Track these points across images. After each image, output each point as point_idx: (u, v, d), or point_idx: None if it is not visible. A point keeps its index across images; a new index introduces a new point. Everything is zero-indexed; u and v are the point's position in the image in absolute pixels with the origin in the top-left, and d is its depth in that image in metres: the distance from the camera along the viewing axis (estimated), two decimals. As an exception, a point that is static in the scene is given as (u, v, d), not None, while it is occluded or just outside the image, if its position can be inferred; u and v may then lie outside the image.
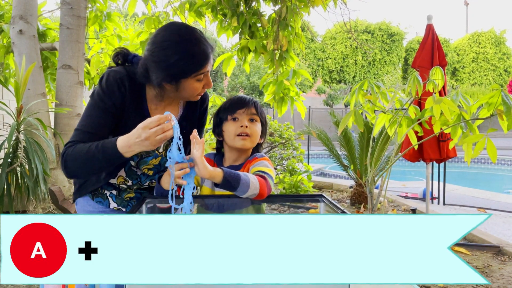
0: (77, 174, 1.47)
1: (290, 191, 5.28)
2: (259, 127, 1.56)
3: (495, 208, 6.16)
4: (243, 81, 22.30)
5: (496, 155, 2.34)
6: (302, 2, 3.63)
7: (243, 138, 1.51)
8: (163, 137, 1.26)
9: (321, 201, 1.36)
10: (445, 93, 4.23)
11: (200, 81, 1.47)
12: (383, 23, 26.50)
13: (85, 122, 1.47)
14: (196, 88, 1.48)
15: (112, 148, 1.33)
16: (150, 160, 1.58)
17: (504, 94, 2.35)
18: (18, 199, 3.14)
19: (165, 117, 1.27)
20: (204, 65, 1.45)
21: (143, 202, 1.37)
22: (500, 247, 3.91)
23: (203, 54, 1.43)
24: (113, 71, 1.51)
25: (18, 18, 3.67)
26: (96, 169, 1.41)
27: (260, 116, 1.57)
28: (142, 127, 1.27)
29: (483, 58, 27.95)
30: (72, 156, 1.40)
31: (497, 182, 11.46)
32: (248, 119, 1.53)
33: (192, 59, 1.41)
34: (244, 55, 3.80)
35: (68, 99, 3.76)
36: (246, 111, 1.54)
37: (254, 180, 1.33)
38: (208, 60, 1.46)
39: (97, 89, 1.50)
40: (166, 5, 3.86)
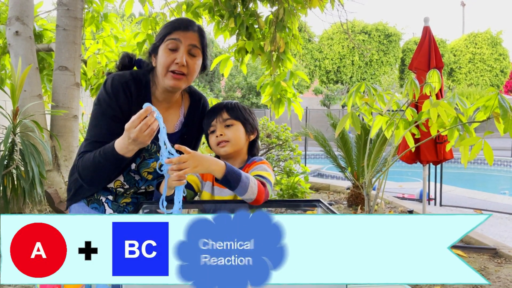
0: (95, 183, 1.49)
1: (287, 192, 5.28)
2: (237, 129, 1.54)
3: (491, 209, 6.18)
4: (240, 82, 22.30)
5: (492, 158, 2.35)
6: (299, 3, 3.63)
7: (222, 145, 1.52)
8: (150, 131, 1.26)
9: (318, 206, 1.36)
10: (442, 95, 4.24)
11: (172, 50, 1.46)
12: (380, 24, 26.57)
13: (93, 132, 1.47)
14: (165, 56, 1.46)
15: (111, 152, 1.35)
16: (151, 163, 1.57)
17: (501, 97, 2.36)
18: (14, 201, 3.12)
19: (145, 111, 1.25)
20: (174, 30, 1.48)
21: (140, 207, 1.36)
22: (497, 249, 3.92)
23: (180, 21, 1.50)
24: (118, 75, 1.51)
25: (14, 19, 3.65)
26: (107, 174, 1.44)
27: (238, 117, 1.55)
28: (127, 129, 1.28)
29: (480, 58, 28.05)
30: (82, 167, 1.43)
31: (493, 183, 11.50)
32: (223, 126, 1.53)
33: (168, 25, 1.50)
34: (241, 56, 3.80)
35: (64, 101, 3.74)
36: (219, 119, 1.54)
37: (253, 185, 1.33)
38: (181, 29, 1.48)
39: (101, 94, 1.48)
40: (163, 6, 3.85)
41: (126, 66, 1.62)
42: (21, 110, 3.37)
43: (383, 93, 2.90)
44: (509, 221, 5.56)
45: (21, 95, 3.47)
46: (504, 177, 12.28)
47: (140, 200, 1.64)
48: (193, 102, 1.66)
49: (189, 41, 1.47)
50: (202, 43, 1.52)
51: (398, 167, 11.46)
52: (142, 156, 1.55)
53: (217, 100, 4.02)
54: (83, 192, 1.58)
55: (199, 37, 1.51)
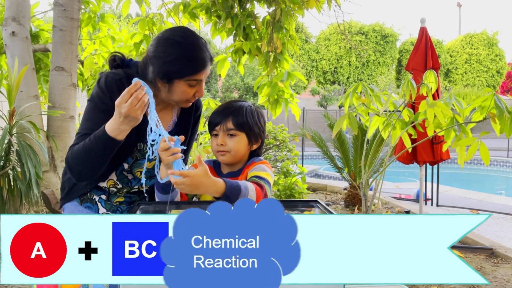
0: (83, 174, 1.44)
1: (284, 193, 5.28)
2: (239, 141, 1.49)
3: (488, 210, 6.21)
4: (237, 82, 22.29)
5: (489, 158, 2.36)
6: (296, 4, 3.64)
7: (221, 154, 1.49)
8: (141, 104, 1.27)
9: (316, 206, 1.36)
10: (438, 95, 4.26)
11: (192, 87, 1.47)
12: (376, 25, 26.63)
13: (86, 125, 1.46)
14: (187, 93, 1.47)
15: (103, 135, 1.34)
16: (144, 163, 1.57)
17: (497, 98, 2.37)
18: (11, 202, 3.11)
19: (135, 85, 1.26)
20: (198, 72, 1.45)
21: (138, 207, 1.36)
22: (493, 249, 3.93)
23: (201, 60, 1.44)
24: (112, 72, 1.52)
25: (10, 20, 3.64)
26: (97, 163, 1.39)
27: (242, 128, 1.49)
28: (117, 105, 1.28)
29: (476, 59, 28.15)
30: (72, 156, 1.40)
31: (489, 183, 11.54)
32: (226, 135, 1.49)
33: (188, 61, 1.42)
34: (239, 57, 3.80)
35: (61, 101, 3.73)
36: (223, 127, 1.48)
37: (252, 193, 1.32)
38: (203, 68, 1.46)
39: (95, 91, 1.49)
40: (160, 6, 3.85)
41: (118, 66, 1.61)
42: (18, 111, 3.36)
43: (380, 93, 2.91)
44: (505, 221, 5.59)
45: (18, 95, 3.46)
46: (500, 177, 12.33)
47: (133, 199, 1.64)
48: None
49: (205, 75, 1.49)
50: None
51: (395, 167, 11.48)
52: (135, 157, 1.55)
53: (216, 102, 4.02)
54: (77, 191, 1.58)
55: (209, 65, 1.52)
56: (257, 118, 1.54)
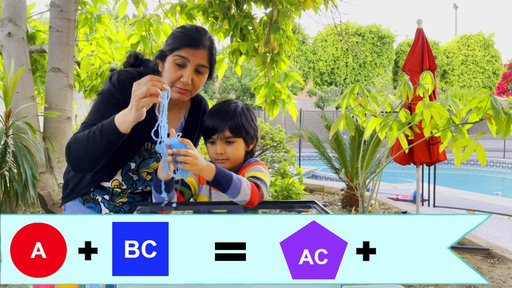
0: (80, 162, 1.40)
1: (281, 194, 5.28)
2: (238, 146, 1.50)
3: (484, 210, 6.23)
4: (235, 83, 22.29)
5: (485, 159, 2.36)
6: (293, 5, 3.64)
7: (221, 162, 1.49)
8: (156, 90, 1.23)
9: (313, 207, 1.36)
10: (435, 96, 4.27)
11: (179, 66, 1.44)
12: (373, 26, 26.70)
13: (93, 116, 1.45)
14: (172, 72, 1.45)
15: (108, 123, 1.32)
16: (152, 163, 1.57)
17: (493, 98, 2.38)
18: (7, 204, 3.10)
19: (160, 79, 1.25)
20: (185, 47, 1.44)
21: (134, 209, 1.35)
22: (490, 250, 3.95)
23: (191, 39, 1.45)
24: (124, 71, 1.52)
25: (7, 21, 3.62)
26: (96, 153, 1.36)
27: (239, 134, 1.49)
28: (137, 83, 1.26)
29: (472, 60, 28.28)
30: (74, 143, 1.39)
31: (486, 184, 11.57)
32: (224, 143, 1.49)
33: (178, 37, 1.46)
34: (236, 57, 3.80)
35: (57, 102, 3.72)
36: (220, 135, 1.48)
37: (246, 186, 1.32)
38: (192, 47, 1.44)
39: (106, 86, 1.49)
40: (157, 7, 3.84)
41: (132, 65, 1.62)
42: (14, 112, 3.35)
43: (376, 94, 2.92)
44: (502, 222, 5.61)
45: (14, 96, 3.45)
46: (497, 178, 12.38)
47: (136, 199, 1.64)
48: (194, 105, 1.67)
49: (197, 61, 1.45)
50: (211, 60, 1.49)
51: (392, 168, 11.51)
52: (142, 156, 1.55)
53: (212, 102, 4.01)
54: (80, 189, 1.57)
55: (208, 55, 1.48)
56: (250, 118, 1.56)
